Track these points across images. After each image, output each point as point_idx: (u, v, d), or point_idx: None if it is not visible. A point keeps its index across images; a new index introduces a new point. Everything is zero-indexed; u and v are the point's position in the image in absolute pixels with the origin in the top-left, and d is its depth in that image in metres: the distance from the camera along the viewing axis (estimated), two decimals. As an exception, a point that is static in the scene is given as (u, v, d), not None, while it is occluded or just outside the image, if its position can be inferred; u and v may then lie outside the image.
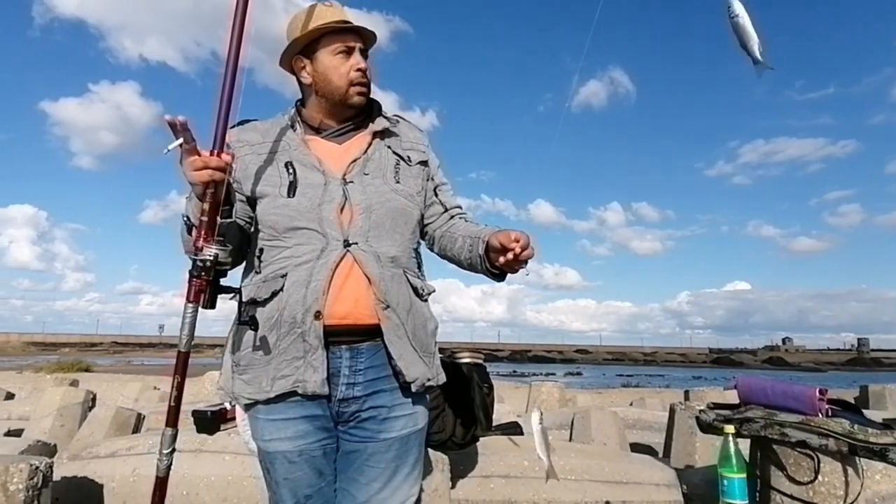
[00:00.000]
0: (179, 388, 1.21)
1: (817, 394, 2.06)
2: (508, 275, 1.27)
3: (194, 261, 1.14)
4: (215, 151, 1.16)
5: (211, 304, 1.14)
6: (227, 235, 1.16)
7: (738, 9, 1.53)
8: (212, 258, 1.12)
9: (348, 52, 1.33)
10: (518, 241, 1.17)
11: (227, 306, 1.23)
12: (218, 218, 1.16)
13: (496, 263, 1.23)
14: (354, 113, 1.37)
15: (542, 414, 1.57)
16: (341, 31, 1.33)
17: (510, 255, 1.17)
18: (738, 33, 1.55)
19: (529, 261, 1.20)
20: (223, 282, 1.19)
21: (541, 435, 1.54)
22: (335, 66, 1.32)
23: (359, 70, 1.32)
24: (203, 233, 1.14)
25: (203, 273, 1.13)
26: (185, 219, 1.20)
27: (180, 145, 1.12)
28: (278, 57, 1.38)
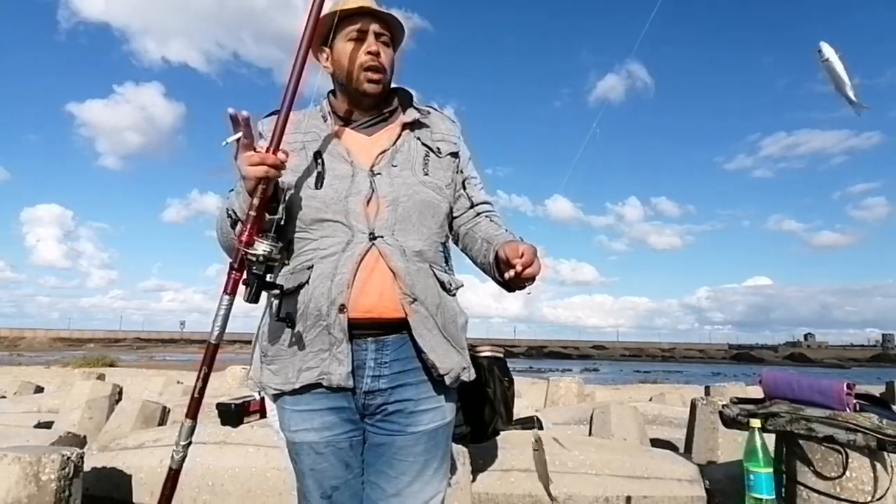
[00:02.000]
0: (205, 380, 1.22)
1: (845, 388, 2.02)
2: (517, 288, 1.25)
3: (246, 254, 1.14)
4: (271, 149, 1.17)
5: (254, 299, 1.15)
6: (270, 230, 1.17)
7: (828, 52, 1.56)
8: (263, 254, 1.13)
9: (362, 36, 1.29)
10: (522, 258, 1.15)
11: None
12: (266, 214, 1.17)
13: (502, 276, 1.22)
14: (373, 102, 1.34)
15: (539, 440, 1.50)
16: (358, 15, 1.29)
17: (511, 273, 1.16)
18: (832, 77, 1.59)
19: (537, 277, 1.18)
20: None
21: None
22: (347, 51, 1.30)
23: (369, 53, 1.28)
24: (251, 227, 1.15)
25: (254, 267, 1.13)
26: (231, 212, 1.21)
27: (238, 140, 1.14)
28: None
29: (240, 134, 1.13)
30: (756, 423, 1.89)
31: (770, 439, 2.06)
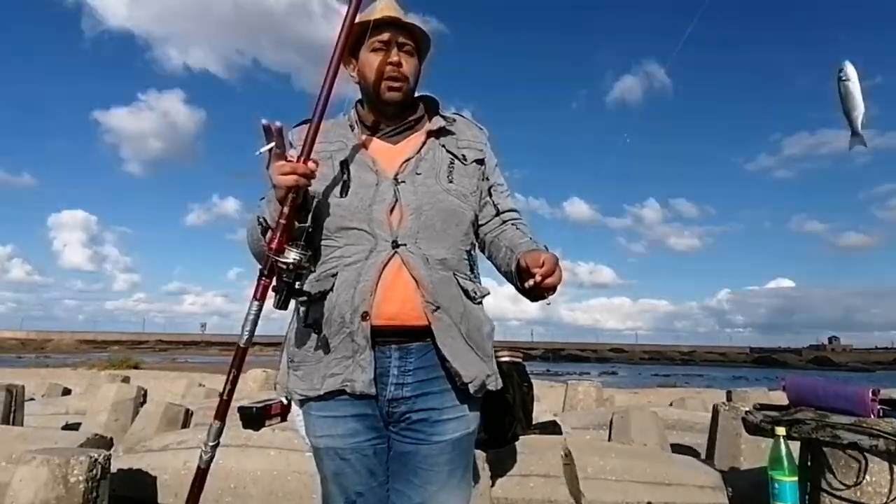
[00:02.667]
0: (234, 383, 1.24)
1: (870, 394, 2.00)
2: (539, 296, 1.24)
3: (276, 261, 1.16)
4: (302, 158, 1.19)
5: (283, 306, 1.17)
6: (300, 238, 1.19)
7: (851, 73, 1.50)
8: (294, 262, 1.15)
9: (385, 46, 1.30)
10: (542, 267, 1.15)
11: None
12: (296, 222, 1.19)
13: (524, 284, 1.22)
14: (396, 110, 1.35)
15: None
16: (382, 26, 1.30)
17: (531, 282, 1.16)
18: (844, 98, 1.51)
19: (557, 287, 1.18)
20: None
21: None
22: (370, 61, 1.31)
23: (390, 63, 1.29)
24: (280, 235, 1.17)
25: (283, 274, 1.16)
26: (261, 220, 1.24)
27: (270, 150, 1.17)
28: (316, 62, 1.39)
29: (272, 144, 1.16)
30: (781, 430, 1.86)
31: (794, 446, 2.04)
